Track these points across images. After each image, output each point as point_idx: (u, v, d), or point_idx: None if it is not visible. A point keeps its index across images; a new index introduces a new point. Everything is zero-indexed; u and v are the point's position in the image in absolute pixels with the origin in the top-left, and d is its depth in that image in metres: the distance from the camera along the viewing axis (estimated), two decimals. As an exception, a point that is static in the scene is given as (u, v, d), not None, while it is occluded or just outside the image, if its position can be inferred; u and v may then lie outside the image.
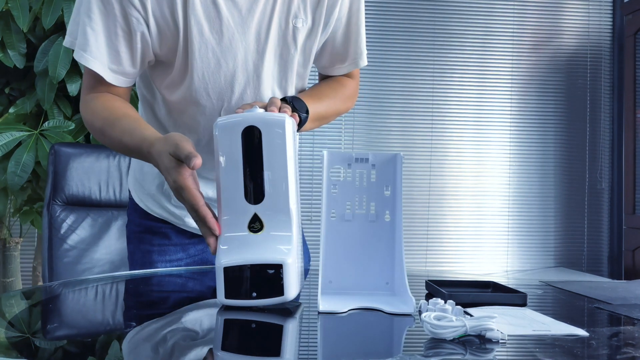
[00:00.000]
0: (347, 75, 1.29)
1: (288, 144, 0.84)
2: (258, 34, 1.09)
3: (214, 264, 0.83)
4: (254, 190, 0.84)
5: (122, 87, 1.09)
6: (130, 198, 1.31)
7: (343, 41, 1.21)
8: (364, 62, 1.25)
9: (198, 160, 0.83)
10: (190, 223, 1.24)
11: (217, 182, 0.86)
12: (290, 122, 0.86)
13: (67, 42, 1.08)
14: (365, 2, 1.31)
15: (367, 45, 1.25)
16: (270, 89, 1.14)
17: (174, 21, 1.04)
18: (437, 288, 0.94)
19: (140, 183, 1.27)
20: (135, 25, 1.02)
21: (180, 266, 1.24)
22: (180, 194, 0.87)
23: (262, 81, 1.12)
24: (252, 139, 0.84)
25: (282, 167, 0.84)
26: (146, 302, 0.99)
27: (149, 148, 0.95)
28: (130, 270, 1.27)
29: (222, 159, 0.85)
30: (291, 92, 1.17)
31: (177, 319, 0.85)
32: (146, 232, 1.26)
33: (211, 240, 0.86)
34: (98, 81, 1.07)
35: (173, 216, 1.24)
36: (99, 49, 1.02)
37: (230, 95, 1.12)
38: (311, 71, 1.21)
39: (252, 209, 0.84)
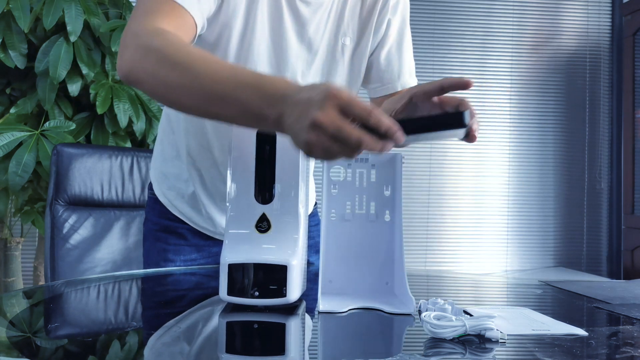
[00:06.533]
0: None
1: None
2: (310, 45, 1.11)
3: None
4: (264, 190, 0.84)
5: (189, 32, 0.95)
6: (150, 195, 1.30)
7: (385, 62, 1.20)
8: (408, 84, 1.18)
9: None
10: (206, 224, 1.25)
11: (229, 178, 0.86)
12: None
13: None
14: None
15: None
16: None
17: (234, 11, 1.03)
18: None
19: (164, 174, 1.27)
20: None
21: (193, 266, 1.25)
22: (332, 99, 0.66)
23: None
24: (266, 138, 0.84)
25: (294, 169, 0.85)
26: (147, 301, 0.99)
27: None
28: (144, 268, 1.28)
29: (235, 156, 0.85)
30: None
31: (178, 319, 0.85)
32: (163, 231, 1.27)
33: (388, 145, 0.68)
34: (176, 16, 0.91)
35: (194, 210, 1.24)
36: None
37: None
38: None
39: (261, 208, 0.84)
